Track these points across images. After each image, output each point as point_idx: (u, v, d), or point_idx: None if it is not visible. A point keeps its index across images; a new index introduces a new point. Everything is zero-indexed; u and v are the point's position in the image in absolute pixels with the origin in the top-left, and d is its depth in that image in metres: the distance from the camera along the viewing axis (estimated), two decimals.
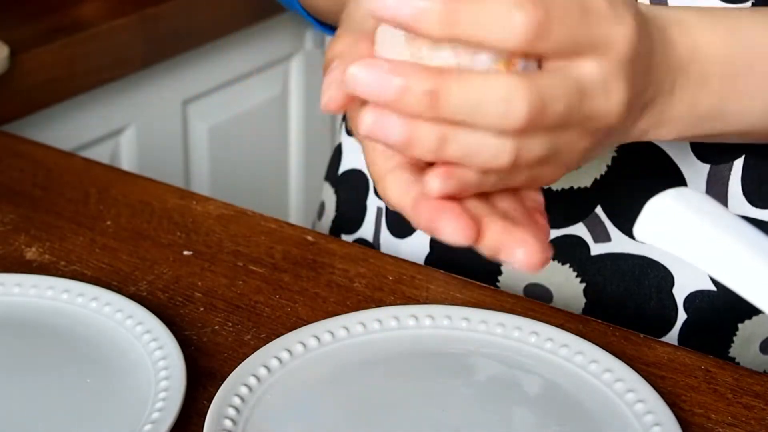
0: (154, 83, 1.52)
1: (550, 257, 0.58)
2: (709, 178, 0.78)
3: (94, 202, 0.88)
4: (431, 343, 0.73)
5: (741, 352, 0.82)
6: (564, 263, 0.83)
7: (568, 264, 0.83)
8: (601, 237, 0.81)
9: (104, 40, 1.39)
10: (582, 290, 0.83)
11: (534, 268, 0.57)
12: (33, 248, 0.82)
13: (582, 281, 0.83)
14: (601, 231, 0.81)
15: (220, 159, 1.66)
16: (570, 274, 0.83)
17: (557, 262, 0.83)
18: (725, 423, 0.68)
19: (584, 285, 0.83)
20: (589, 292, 0.83)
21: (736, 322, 0.82)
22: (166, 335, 0.71)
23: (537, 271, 0.57)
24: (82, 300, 0.75)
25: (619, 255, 0.81)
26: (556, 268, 0.83)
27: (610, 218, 0.81)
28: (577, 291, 0.83)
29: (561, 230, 0.82)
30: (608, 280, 0.82)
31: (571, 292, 0.83)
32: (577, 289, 0.83)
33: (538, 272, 0.69)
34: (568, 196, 0.81)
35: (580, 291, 0.83)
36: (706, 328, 0.82)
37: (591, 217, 0.81)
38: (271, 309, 0.77)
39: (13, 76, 1.28)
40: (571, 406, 0.68)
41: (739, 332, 0.82)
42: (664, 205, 0.54)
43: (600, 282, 0.82)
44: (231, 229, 0.85)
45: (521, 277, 0.84)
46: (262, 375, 0.69)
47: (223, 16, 1.57)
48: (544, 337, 0.73)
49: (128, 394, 0.68)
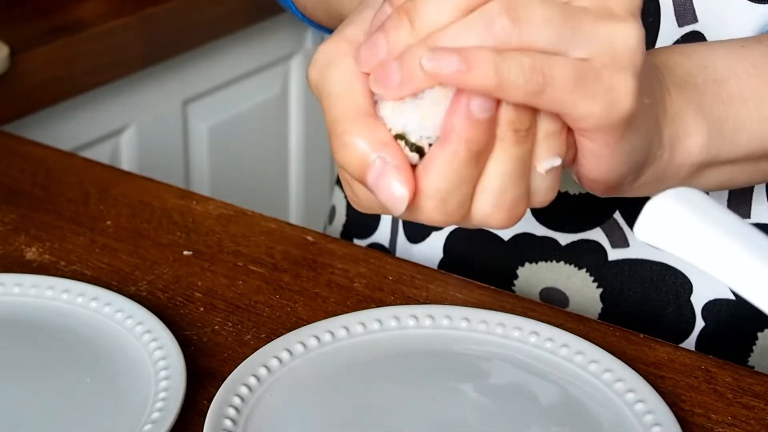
0: (154, 83, 1.52)
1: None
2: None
3: (94, 202, 0.88)
4: (431, 343, 0.73)
5: (760, 361, 0.81)
6: (581, 268, 0.82)
7: (585, 269, 0.82)
8: (619, 242, 0.81)
9: (104, 40, 1.39)
10: (599, 295, 0.82)
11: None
12: (33, 248, 0.82)
13: (599, 286, 0.82)
14: (619, 236, 0.81)
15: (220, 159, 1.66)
16: (587, 278, 0.82)
17: (574, 266, 0.82)
18: (725, 423, 0.68)
19: (601, 290, 0.82)
20: (606, 298, 0.82)
21: (756, 331, 0.81)
22: (166, 335, 0.71)
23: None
24: (82, 300, 0.75)
25: (636, 261, 0.81)
26: (573, 272, 0.82)
27: (629, 223, 0.80)
28: (593, 296, 0.83)
29: (578, 234, 0.82)
30: (625, 286, 0.82)
31: (588, 297, 0.83)
32: (594, 294, 0.82)
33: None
34: (586, 201, 0.81)
35: (596, 296, 0.82)
36: (724, 336, 0.81)
37: (609, 222, 0.81)
38: (271, 309, 0.77)
39: (13, 76, 1.28)
40: (571, 406, 0.68)
41: (758, 341, 0.81)
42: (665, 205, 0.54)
43: (617, 287, 0.82)
44: (231, 229, 0.85)
45: (537, 281, 0.84)
46: (262, 375, 0.69)
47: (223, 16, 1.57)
48: (544, 338, 0.72)
49: (128, 394, 0.68)
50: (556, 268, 0.83)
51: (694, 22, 0.74)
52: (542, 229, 0.83)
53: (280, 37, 1.70)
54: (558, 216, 0.82)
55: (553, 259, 0.83)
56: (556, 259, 0.83)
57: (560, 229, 0.82)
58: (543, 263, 0.83)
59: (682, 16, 0.74)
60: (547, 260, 0.83)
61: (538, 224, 0.83)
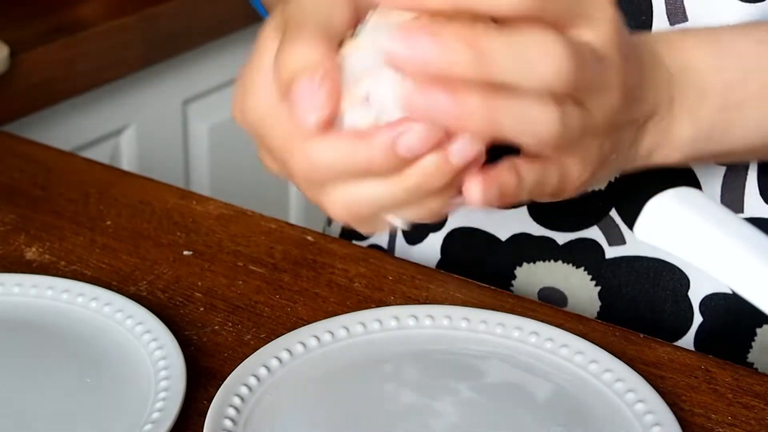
0: (154, 83, 1.52)
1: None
2: (725, 179, 0.78)
3: (94, 202, 0.88)
4: (431, 343, 0.73)
5: (759, 357, 0.81)
6: (579, 266, 0.82)
7: (583, 267, 0.82)
8: (616, 240, 0.81)
9: (104, 40, 1.39)
10: (597, 293, 0.82)
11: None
12: (33, 248, 0.82)
13: (597, 284, 0.82)
14: (616, 234, 0.81)
15: (220, 159, 1.66)
16: (585, 277, 0.82)
17: (572, 265, 0.83)
18: (725, 423, 0.68)
19: (599, 288, 0.82)
20: (604, 296, 0.82)
21: (754, 327, 0.81)
22: (166, 335, 0.71)
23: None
24: (82, 300, 0.75)
25: (634, 258, 0.81)
26: (571, 271, 0.83)
27: (625, 221, 0.80)
28: (592, 294, 0.83)
29: (575, 233, 0.82)
30: (623, 284, 0.82)
31: (586, 296, 0.83)
32: (592, 292, 0.82)
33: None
34: (583, 199, 0.80)
35: (595, 294, 0.82)
36: (723, 332, 0.81)
37: (605, 220, 0.81)
38: (271, 309, 0.77)
39: (13, 76, 1.28)
40: (571, 406, 0.68)
41: (757, 337, 0.81)
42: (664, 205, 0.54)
43: (615, 285, 0.82)
44: (231, 229, 0.85)
45: (535, 281, 0.84)
46: (262, 375, 0.69)
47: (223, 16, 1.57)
48: (544, 338, 0.72)
49: (128, 394, 0.68)
50: (554, 268, 0.83)
51: (685, 20, 0.74)
52: (539, 228, 0.83)
53: None
54: (555, 215, 0.82)
55: (551, 259, 0.83)
56: (554, 259, 0.83)
57: (557, 229, 0.82)
58: (541, 263, 0.83)
59: (674, 14, 0.75)
60: (545, 260, 0.83)
61: (535, 224, 0.83)
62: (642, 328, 0.76)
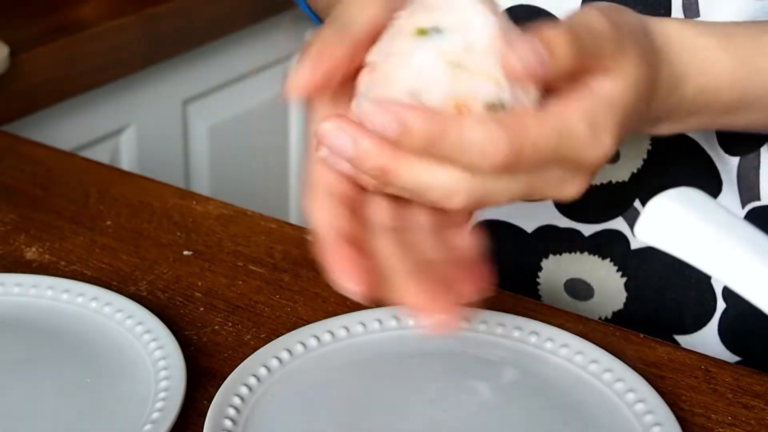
0: (154, 83, 1.52)
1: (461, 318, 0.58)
2: (740, 168, 0.78)
3: (94, 202, 0.88)
4: (431, 343, 0.73)
5: None
6: (604, 258, 0.83)
7: (609, 258, 0.83)
8: None
9: (104, 40, 1.39)
10: (623, 284, 0.83)
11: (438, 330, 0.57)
12: (33, 248, 0.82)
13: (623, 275, 0.83)
14: None
15: (220, 159, 1.66)
16: (611, 268, 0.83)
17: (597, 256, 0.83)
18: (725, 423, 0.68)
19: (625, 279, 0.83)
20: (630, 287, 0.83)
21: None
22: (166, 335, 0.71)
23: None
24: (82, 300, 0.75)
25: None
26: (597, 262, 0.83)
27: None
28: (618, 285, 0.83)
29: (600, 225, 0.83)
30: (649, 274, 0.83)
31: (613, 286, 0.83)
32: (618, 283, 0.83)
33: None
34: (606, 191, 0.81)
35: (621, 285, 0.83)
36: (746, 319, 0.81)
37: (630, 211, 0.82)
38: (271, 309, 0.77)
39: (13, 76, 1.28)
40: (571, 406, 0.68)
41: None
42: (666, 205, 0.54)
43: (641, 275, 0.83)
44: (231, 229, 0.85)
45: (562, 273, 0.85)
46: (262, 375, 0.69)
47: (223, 16, 1.57)
48: (544, 337, 0.73)
49: (128, 394, 0.68)
50: (580, 259, 0.84)
51: (697, 16, 0.75)
52: (565, 220, 0.83)
53: (280, 37, 1.70)
54: (580, 207, 0.83)
55: (577, 250, 0.84)
56: (580, 250, 0.84)
57: (583, 220, 0.83)
58: (567, 255, 0.84)
59: (689, 9, 0.75)
60: (571, 251, 0.84)
61: (561, 216, 0.83)
62: (667, 317, 0.77)
